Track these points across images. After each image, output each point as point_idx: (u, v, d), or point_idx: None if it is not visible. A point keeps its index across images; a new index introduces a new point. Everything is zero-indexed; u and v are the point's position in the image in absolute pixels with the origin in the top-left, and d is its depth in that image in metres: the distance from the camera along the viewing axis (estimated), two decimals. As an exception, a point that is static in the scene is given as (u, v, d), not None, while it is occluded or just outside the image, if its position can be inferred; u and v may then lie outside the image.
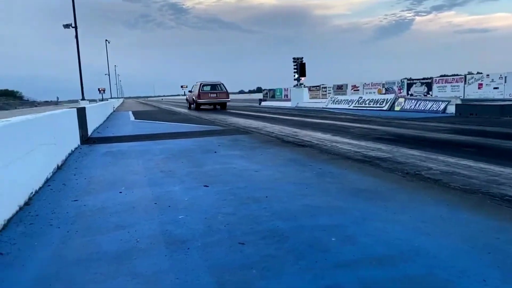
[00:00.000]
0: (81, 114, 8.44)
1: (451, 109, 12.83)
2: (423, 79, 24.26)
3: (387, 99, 16.54)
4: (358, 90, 28.55)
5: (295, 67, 24.47)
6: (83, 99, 28.51)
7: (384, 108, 16.14)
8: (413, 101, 15.12)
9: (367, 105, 17.42)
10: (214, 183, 4.17)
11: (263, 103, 29.78)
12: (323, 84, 33.43)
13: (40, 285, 2.12)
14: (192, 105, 20.85)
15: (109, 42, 71.41)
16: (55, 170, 5.04)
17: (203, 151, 6.48)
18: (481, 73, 20.79)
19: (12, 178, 3.31)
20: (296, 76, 24.42)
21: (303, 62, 24.40)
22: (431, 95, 22.57)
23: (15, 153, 3.50)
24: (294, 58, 24.64)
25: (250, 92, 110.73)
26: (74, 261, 2.37)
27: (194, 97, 19.61)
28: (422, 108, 14.10)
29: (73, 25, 28.01)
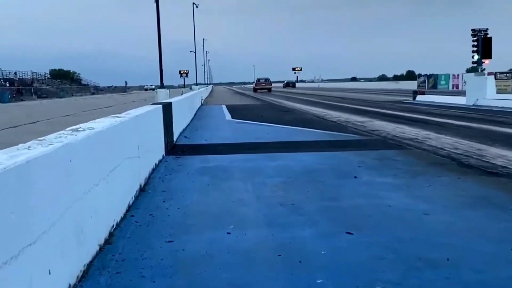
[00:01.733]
0: (167, 112, 9.04)
1: None
2: None
3: None
4: None
5: (475, 43, 23.05)
6: (162, 86, 30.08)
7: None
8: None
9: None
10: (361, 228, 4.05)
11: (419, 98, 27.42)
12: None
13: None
14: (257, 89, 52.42)
15: (197, 6, 73.32)
16: (137, 193, 5.38)
17: (337, 174, 6.43)
18: None
19: (94, 207, 3.55)
20: (476, 57, 22.85)
21: (488, 36, 22.90)
22: None
23: (98, 173, 3.78)
24: (473, 30, 23.41)
25: (396, 78, 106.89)
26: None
27: (254, 86, 51.55)
28: None
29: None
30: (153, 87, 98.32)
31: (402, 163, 7.11)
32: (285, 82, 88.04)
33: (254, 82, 58.74)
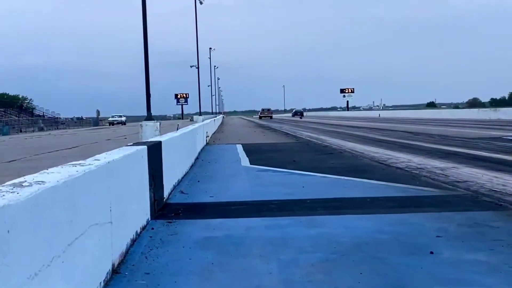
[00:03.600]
0: (155, 156, 9.08)
1: None
2: None
3: None
4: None
5: None
6: (149, 117, 29.92)
7: None
8: None
9: None
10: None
11: None
12: None
13: None
14: (261, 117, 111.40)
15: (201, 2, 72.30)
16: (108, 276, 5.34)
17: (405, 248, 6.37)
18: None
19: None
20: None
21: None
22: None
23: (50, 249, 3.77)
24: None
25: (495, 104, 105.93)
26: None
27: (259, 114, 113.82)
28: None
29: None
30: (123, 119, 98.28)
31: (503, 232, 6.99)
32: (294, 111, 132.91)
33: (259, 111, 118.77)
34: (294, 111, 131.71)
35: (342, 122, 64.14)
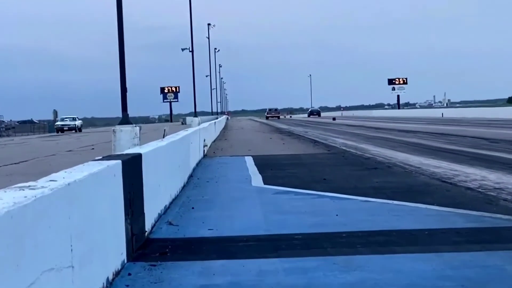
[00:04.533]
0: (132, 175, 9.04)
1: None
2: None
3: None
4: None
5: None
6: (125, 120, 29.74)
7: None
8: None
9: None
10: None
11: None
12: None
13: None
14: (268, 117, 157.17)
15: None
16: None
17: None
18: None
19: None
20: None
21: None
22: None
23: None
24: None
25: None
26: None
27: (266, 114, 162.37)
28: None
29: None
30: (77, 123, 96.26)
31: None
32: (309, 110, 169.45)
33: (273, 110, 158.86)
34: (310, 110, 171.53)
35: (390, 125, 63.79)
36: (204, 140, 29.61)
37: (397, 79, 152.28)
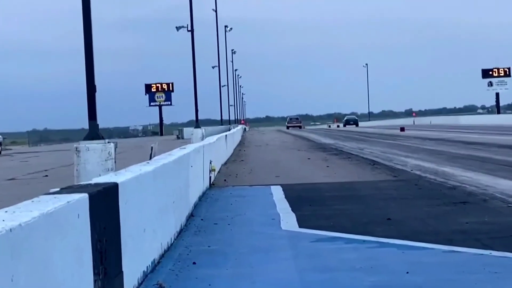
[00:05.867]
0: (104, 214, 8.86)
1: None
2: None
3: None
4: None
5: None
6: (93, 133, 30.06)
7: None
8: None
9: None
10: None
11: None
12: None
13: None
14: (289, 127, 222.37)
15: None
16: None
17: None
18: None
19: None
20: None
21: None
22: None
23: None
24: None
25: None
26: None
27: (287, 124, 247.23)
28: None
29: None
30: None
31: None
32: (345, 119, 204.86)
33: (294, 119, 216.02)
34: (345, 119, 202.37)
35: (487, 137, 63.49)
36: (211, 162, 29.25)
37: (496, 70, 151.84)
